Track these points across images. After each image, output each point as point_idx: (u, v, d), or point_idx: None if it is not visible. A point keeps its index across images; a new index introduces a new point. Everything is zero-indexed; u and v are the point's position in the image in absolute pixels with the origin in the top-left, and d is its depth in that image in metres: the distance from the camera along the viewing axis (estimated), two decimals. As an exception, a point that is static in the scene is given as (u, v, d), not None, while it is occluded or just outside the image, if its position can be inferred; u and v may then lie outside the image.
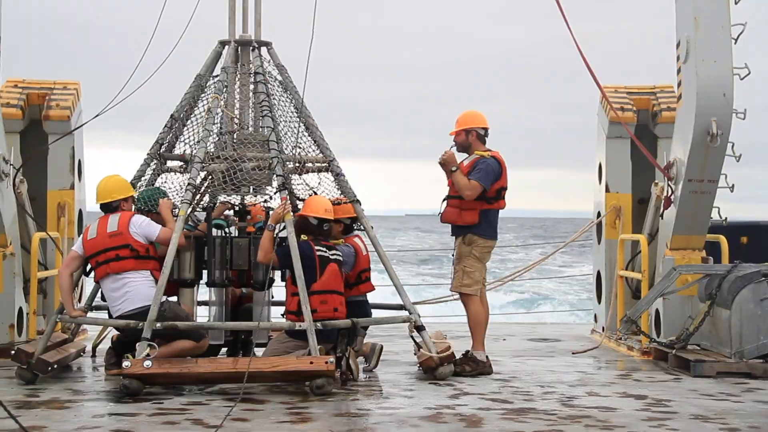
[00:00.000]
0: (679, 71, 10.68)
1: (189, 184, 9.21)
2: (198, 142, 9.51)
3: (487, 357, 9.77)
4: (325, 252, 9.17)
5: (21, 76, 12.34)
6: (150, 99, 10.24)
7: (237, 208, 10.02)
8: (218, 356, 9.75)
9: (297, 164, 9.76)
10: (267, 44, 10.06)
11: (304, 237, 9.17)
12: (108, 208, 9.14)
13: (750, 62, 10.07)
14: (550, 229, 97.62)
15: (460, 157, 9.95)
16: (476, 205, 9.70)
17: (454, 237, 9.99)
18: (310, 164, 9.86)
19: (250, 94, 9.90)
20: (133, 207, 9.31)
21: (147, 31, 10.24)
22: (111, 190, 9.17)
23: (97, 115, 9.97)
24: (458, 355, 9.69)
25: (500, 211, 9.95)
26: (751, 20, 10.35)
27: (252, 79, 9.89)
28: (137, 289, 8.82)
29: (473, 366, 9.61)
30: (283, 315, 9.22)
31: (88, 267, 9.09)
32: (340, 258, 9.28)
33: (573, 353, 11.36)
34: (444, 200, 9.94)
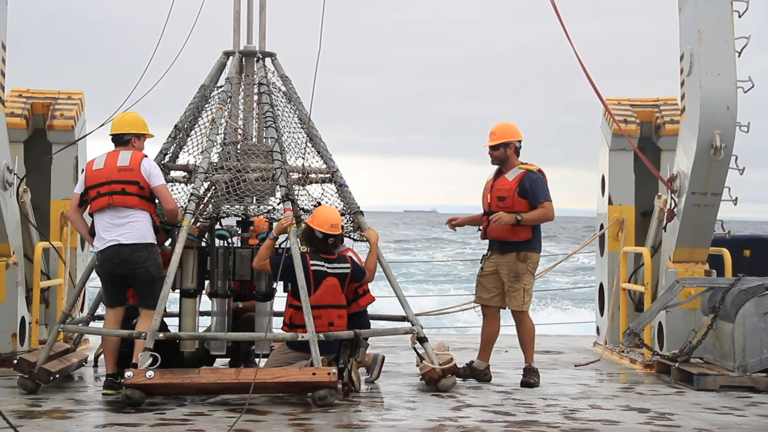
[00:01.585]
0: (682, 84, 10.69)
1: (192, 194, 9.21)
2: (202, 152, 9.52)
3: (487, 366, 9.93)
4: (323, 266, 9.13)
5: (25, 79, 12.37)
6: (157, 97, 10.23)
7: (240, 219, 10.02)
8: (217, 366, 9.75)
9: (300, 175, 9.77)
10: (271, 55, 10.08)
11: (304, 249, 9.17)
12: (120, 140, 9.01)
13: (752, 64, 10.10)
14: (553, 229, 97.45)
15: (491, 168, 9.96)
16: None
17: (495, 251, 9.87)
18: (313, 175, 9.87)
19: (254, 104, 9.91)
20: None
21: (153, 36, 10.26)
22: (126, 124, 9.07)
23: (101, 125, 9.97)
24: (460, 366, 9.70)
25: None
26: (754, 22, 10.36)
27: (256, 90, 9.90)
28: (141, 224, 8.78)
29: (537, 377, 9.76)
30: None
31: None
32: (342, 271, 9.24)
33: (575, 366, 11.34)
34: (484, 215, 9.88)
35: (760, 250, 12.85)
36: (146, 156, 9.03)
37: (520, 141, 9.95)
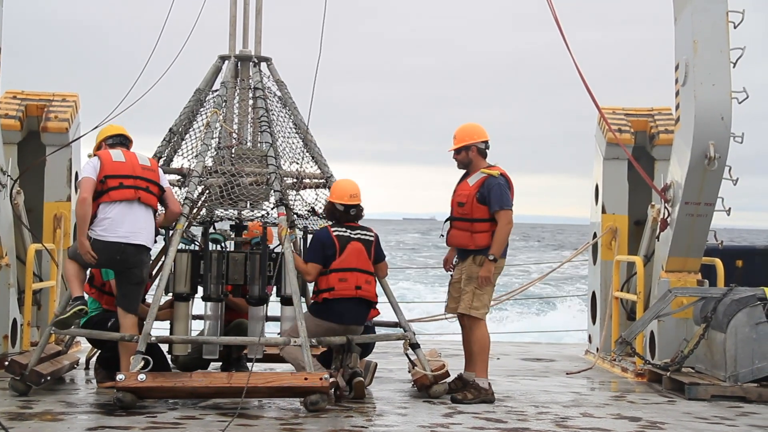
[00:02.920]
0: (677, 94, 10.72)
1: (186, 198, 9.22)
2: (196, 156, 9.52)
3: (489, 384, 9.38)
4: (345, 232, 9.19)
5: (20, 84, 12.37)
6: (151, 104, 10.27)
7: (234, 223, 10.02)
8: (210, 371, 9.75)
9: (295, 180, 9.78)
10: (267, 60, 10.08)
11: (322, 224, 9.32)
12: (123, 142, 9.08)
13: (753, 73, 10.12)
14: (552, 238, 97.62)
15: (460, 173, 9.73)
16: (488, 227, 9.27)
17: (459, 258, 9.54)
18: (307, 180, 9.88)
19: (249, 109, 9.92)
20: None
21: (149, 40, 10.27)
22: (124, 130, 9.23)
23: (94, 128, 9.97)
24: (453, 374, 9.65)
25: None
26: (757, 30, 10.40)
27: (251, 95, 9.91)
28: (152, 228, 8.86)
29: (475, 393, 9.20)
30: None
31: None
32: (366, 238, 9.26)
33: (567, 374, 11.35)
34: (447, 221, 9.67)
35: (752, 260, 12.89)
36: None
37: (484, 142, 9.53)
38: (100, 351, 9.70)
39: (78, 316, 8.74)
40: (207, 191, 9.51)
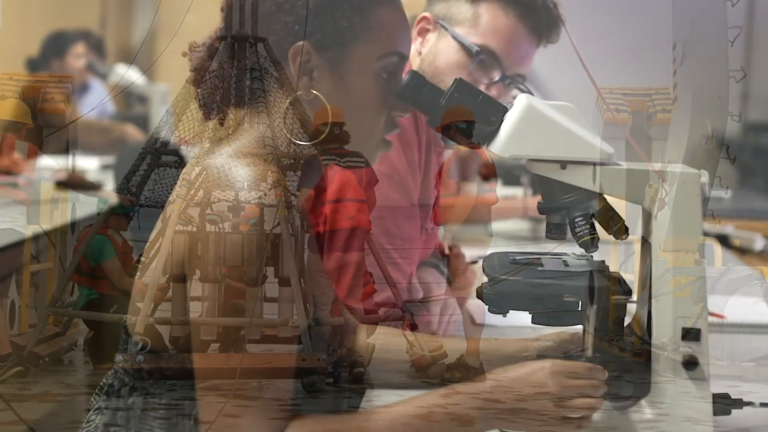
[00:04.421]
0: (674, 73, 10.70)
1: (183, 179, 9.19)
2: (193, 137, 9.50)
3: (481, 364, 9.54)
4: (334, 159, 8.99)
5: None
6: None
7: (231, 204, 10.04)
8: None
9: (292, 161, 9.76)
10: (263, 40, 10.04)
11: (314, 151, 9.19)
12: None
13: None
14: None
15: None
16: None
17: None
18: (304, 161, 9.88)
19: (246, 89, 9.90)
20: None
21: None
22: None
23: (92, 109, 9.96)
24: (450, 355, 9.68)
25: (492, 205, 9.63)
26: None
27: (248, 75, 9.89)
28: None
29: (463, 372, 9.34)
30: None
31: None
32: (356, 164, 9.08)
33: (564, 354, 11.36)
34: (434, 203, 9.66)
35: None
36: None
37: (465, 122, 9.54)
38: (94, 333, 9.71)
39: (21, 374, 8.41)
40: (204, 172, 9.50)
